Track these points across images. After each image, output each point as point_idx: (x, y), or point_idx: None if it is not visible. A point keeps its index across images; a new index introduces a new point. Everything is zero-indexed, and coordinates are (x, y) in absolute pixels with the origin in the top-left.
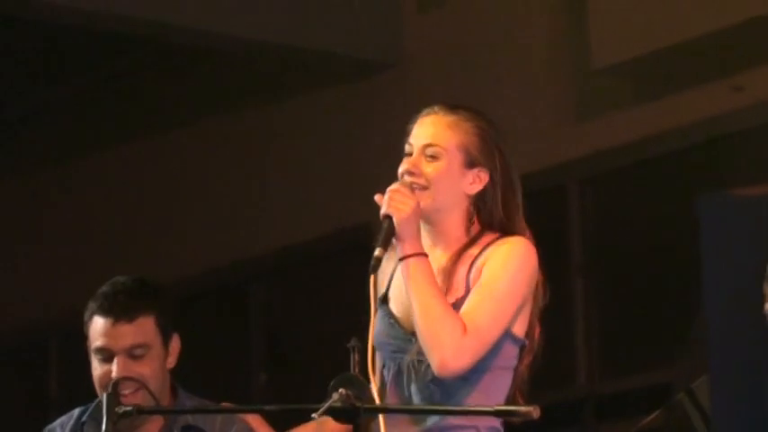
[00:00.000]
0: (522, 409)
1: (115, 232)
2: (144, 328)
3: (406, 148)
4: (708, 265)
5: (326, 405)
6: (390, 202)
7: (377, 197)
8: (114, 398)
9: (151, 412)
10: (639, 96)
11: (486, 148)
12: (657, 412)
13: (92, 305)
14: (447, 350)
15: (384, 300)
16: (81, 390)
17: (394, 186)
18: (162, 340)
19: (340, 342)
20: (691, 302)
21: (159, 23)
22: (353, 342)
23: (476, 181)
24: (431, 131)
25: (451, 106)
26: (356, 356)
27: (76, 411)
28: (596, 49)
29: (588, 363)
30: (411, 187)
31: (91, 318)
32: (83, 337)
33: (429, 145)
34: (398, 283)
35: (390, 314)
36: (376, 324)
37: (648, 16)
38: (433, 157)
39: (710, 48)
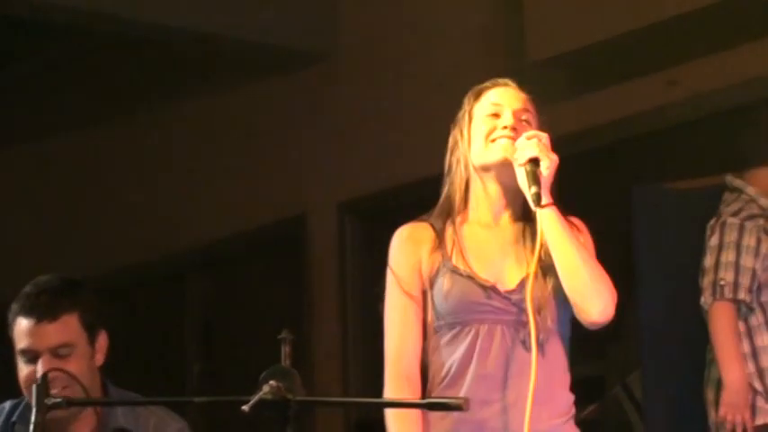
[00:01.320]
0: (453, 401)
1: (51, 223)
2: (68, 327)
3: (489, 107)
4: (640, 257)
5: (257, 397)
6: (541, 146)
7: (501, 141)
8: (44, 389)
9: (82, 404)
10: (574, 89)
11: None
12: (593, 406)
13: (14, 307)
14: (610, 297)
15: (454, 268)
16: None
17: (533, 134)
18: (87, 338)
19: (273, 333)
20: (624, 295)
21: (90, 12)
22: (285, 334)
23: None
24: (521, 98)
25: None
26: (288, 348)
27: (7, 405)
28: (532, 41)
29: None
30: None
31: (14, 319)
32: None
33: (525, 110)
34: (473, 242)
35: (479, 278)
36: (458, 287)
37: (584, 9)
38: (527, 123)
39: (645, 41)
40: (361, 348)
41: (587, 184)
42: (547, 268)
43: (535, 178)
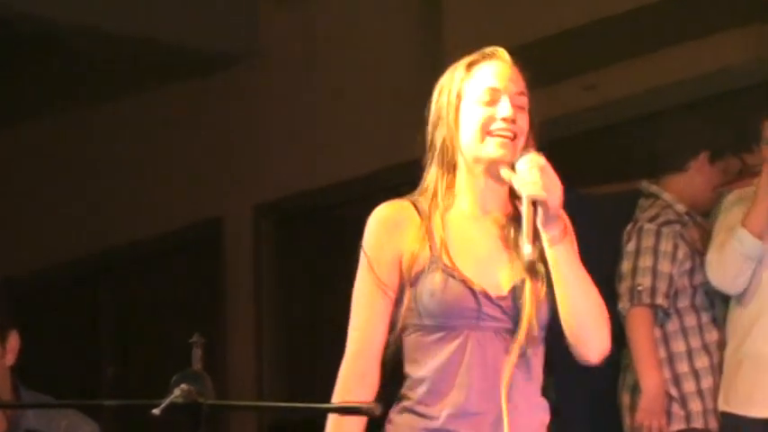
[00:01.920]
0: (365, 406)
1: None
2: None
3: (485, 93)
4: None
5: (168, 400)
6: (538, 179)
7: (504, 172)
8: None
9: None
10: None
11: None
12: None
13: None
14: (608, 340)
15: (445, 267)
16: None
17: (535, 162)
18: None
19: (186, 336)
20: None
21: (2, 10)
22: (196, 337)
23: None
24: (517, 79)
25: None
26: (199, 351)
27: None
28: (450, 46)
29: None
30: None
31: None
32: None
33: (521, 93)
34: (459, 238)
35: (468, 280)
36: (447, 289)
37: (501, 14)
38: (523, 109)
39: (562, 46)
40: (275, 352)
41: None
42: (539, 271)
43: (535, 229)
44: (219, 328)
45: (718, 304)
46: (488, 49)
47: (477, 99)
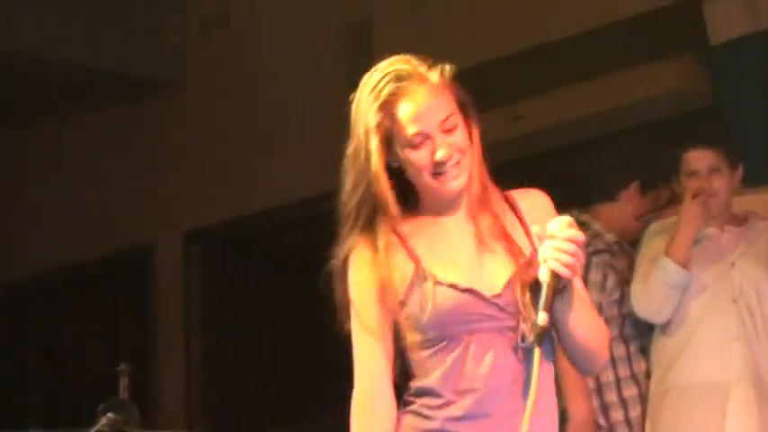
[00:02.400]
0: None
1: None
2: None
3: (413, 138)
4: None
5: (94, 430)
6: (566, 257)
7: (534, 228)
8: None
9: None
10: None
11: (466, 97)
12: None
13: None
14: (607, 353)
15: (429, 275)
16: None
17: (561, 245)
18: None
19: (114, 364)
20: None
21: None
22: (123, 366)
23: (474, 131)
24: (435, 102)
25: (419, 61)
26: (126, 380)
27: None
28: None
29: None
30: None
31: None
32: None
33: (445, 119)
34: (449, 244)
35: (457, 285)
36: (438, 300)
37: (430, 44)
38: (451, 129)
39: (490, 75)
40: (204, 380)
41: None
42: (531, 261)
43: (550, 297)
44: (149, 356)
45: (647, 333)
46: (398, 84)
47: (404, 143)
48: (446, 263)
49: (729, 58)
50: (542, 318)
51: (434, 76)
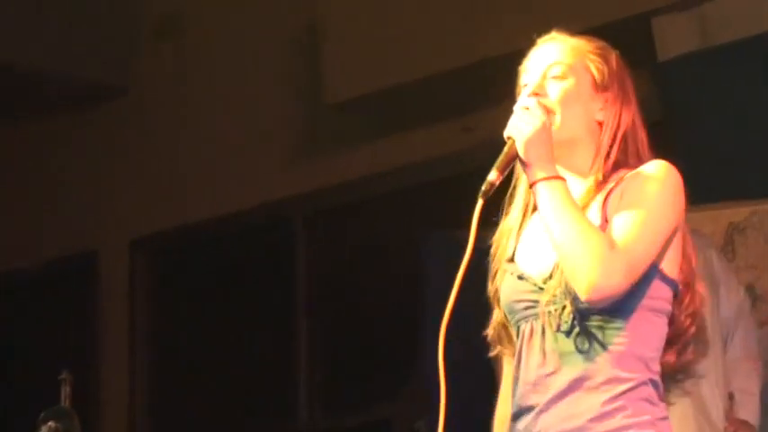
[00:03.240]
0: None
1: None
2: None
3: (522, 81)
4: (428, 304)
5: None
6: (514, 121)
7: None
8: None
9: None
10: (371, 133)
11: (614, 71)
12: None
13: None
14: (595, 267)
15: (510, 260)
16: None
17: (522, 104)
18: None
19: (56, 372)
20: (413, 341)
21: None
22: (65, 374)
23: (607, 107)
24: (552, 51)
25: (570, 32)
26: (68, 389)
27: None
28: (328, 84)
29: (309, 398)
30: (545, 106)
31: None
32: None
33: (553, 64)
34: (529, 239)
35: (517, 271)
36: (502, 288)
37: (381, 54)
38: (560, 78)
39: (441, 87)
40: (148, 390)
41: (383, 229)
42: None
43: (505, 158)
44: (92, 364)
45: None
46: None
47: (520, 92)
48: (525, 248)
49: (678, 73)
50: (491, 174)
51: (572, 39)
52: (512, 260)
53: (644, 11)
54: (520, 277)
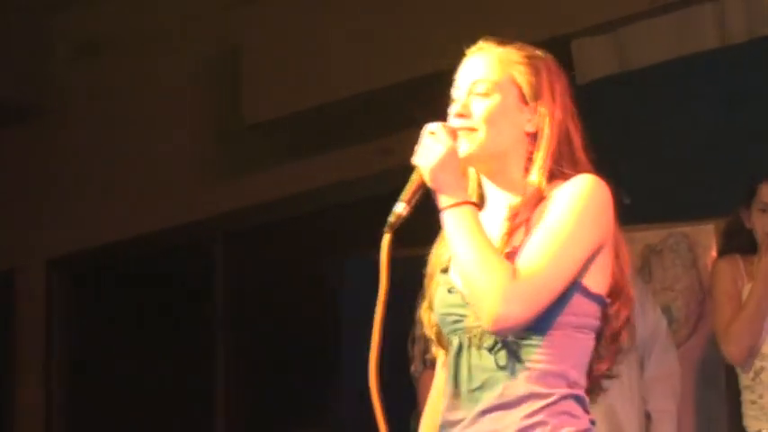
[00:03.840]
0: None
1: None
2: None
3: (453, 93)
4: (346, 328)
5: None
6: (419, 149)
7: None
8: None
9: None
10: (289, 154)
11: (542, 81)
12: None
13: None
14: (494, 296)
15: (445, 270)
16: None
17: (430, 128)
18: None
19: None
20: (331, 360)
21: None
22: None
23: (536, 117)
24: (478, 66)
25: (499, 40)
26: None
27: None
28: (247, 105)
29: (227, 417)
30: (452, 130)
31: None
32: None
33: (477, 81)
34: None
35: (449, 284)
36: (435, 299)
37: (299, 75)
38: (483, 95)
39: (360, 109)
40: (65, 409)
41: (300, 250)
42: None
43: (411, 188)
44: (8, 383)
45: None
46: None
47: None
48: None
49: (596, 96)
50: (398, 206)
51: (499, 49)
52: (446, 271)
53: (563, 33)
54: (450, 290)
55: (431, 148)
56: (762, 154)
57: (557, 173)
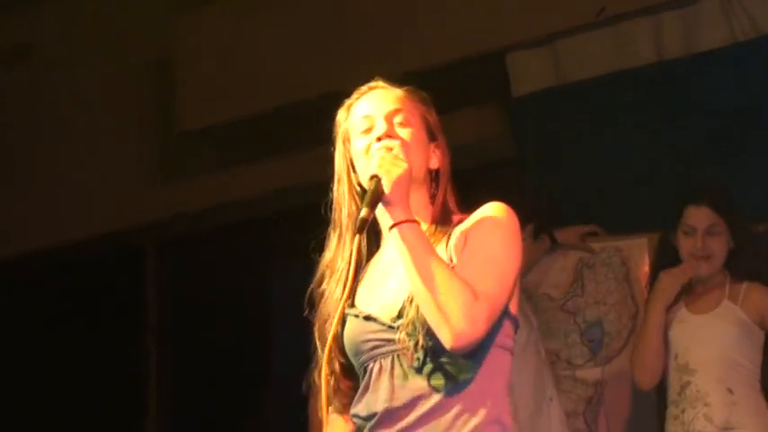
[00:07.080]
0: None
1: None
2: None
3: (361, 123)
4: (278, 336)
5: None
6: (381, 161)
7: (376, 155)
8: None
9: None
10: (223, 162)
11: (437, 120)
12: None
13: None
14: (461, 318)
15: (351, 305)
16: None
17: (384, 144)
18: None
19: None
20: (265, 367)
21: None
22: None
23: (436, 156)
24: (390, 97)
25: (389, 82)
26: None
27: None
28: (182, 112)
29: (158, 424)
30: (407, 149)
31: None
32: None
33: (397, 111)
34: (369, 282)
35: (363, 313)
36: (346, 332)
37: (234, 83)
38: (404, 125)
39: (295, 117)
40: None
41: (235, 257)
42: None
43: (373, 197)
44: None
45: None
46: (364, 86)
47: (357, 132)
48: (365, 290)
49: (531, 109)
50: (363, 212)
51: (400, 90)
52: (352, 305)
53: (499, 47)
54: (367, 318)
55: (393, 163)
56: (696, 168)
57: (447, 208)
